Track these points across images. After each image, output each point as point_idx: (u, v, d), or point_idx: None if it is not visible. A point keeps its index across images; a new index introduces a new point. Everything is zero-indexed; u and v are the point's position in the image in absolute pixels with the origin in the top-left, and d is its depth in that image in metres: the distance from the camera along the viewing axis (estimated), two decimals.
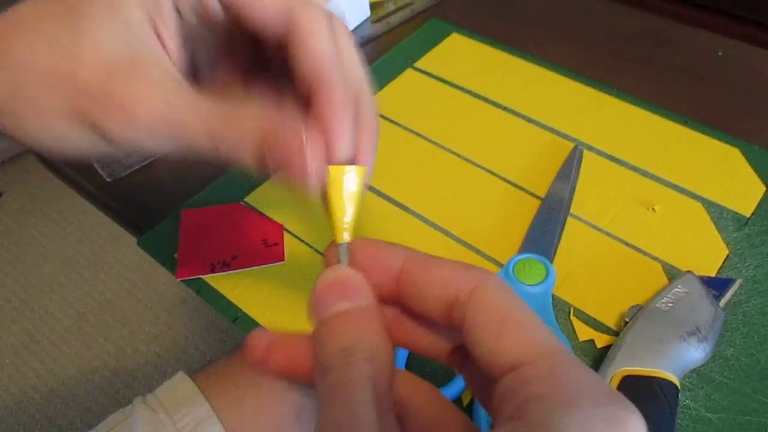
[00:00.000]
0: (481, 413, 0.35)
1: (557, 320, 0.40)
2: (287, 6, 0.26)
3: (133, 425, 0.46)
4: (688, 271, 0.39)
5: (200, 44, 0.29)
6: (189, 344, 1.16)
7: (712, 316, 0.36)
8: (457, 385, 0.36)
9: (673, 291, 0.38)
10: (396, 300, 0.23)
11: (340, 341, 0.20)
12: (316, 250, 0.45)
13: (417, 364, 0.39)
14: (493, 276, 0.20)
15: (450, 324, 0.21)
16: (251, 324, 0.41)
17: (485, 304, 0.20)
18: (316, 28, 0.26)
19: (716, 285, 0.39)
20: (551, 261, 0.42)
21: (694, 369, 0.37)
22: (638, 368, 0.34)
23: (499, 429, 0.17)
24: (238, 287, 0.43)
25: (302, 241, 0.46)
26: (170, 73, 0.25)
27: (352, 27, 0.64)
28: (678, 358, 0.34)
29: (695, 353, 0.35)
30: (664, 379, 0.33)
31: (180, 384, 0.47)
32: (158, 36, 0.26)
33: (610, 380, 0.34)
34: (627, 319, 0.38)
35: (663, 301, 0.37)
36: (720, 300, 0.38)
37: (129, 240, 0.47)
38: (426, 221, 0.46)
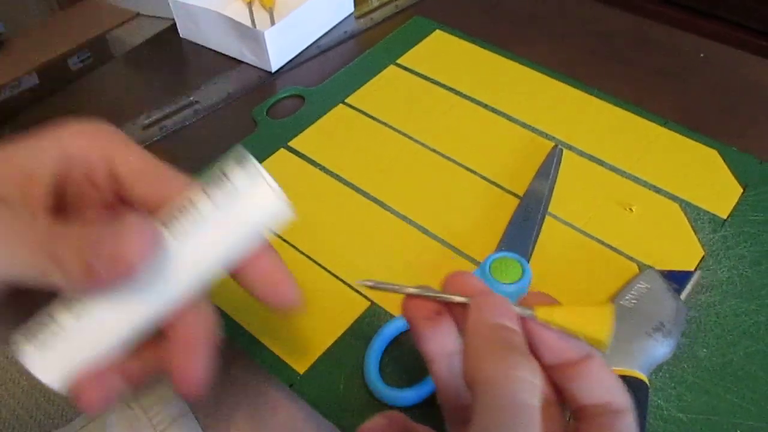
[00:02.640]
0: None
1: None
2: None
3: (107, 420, 0.46)
4: (650, 267, 0.40)
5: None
6: None
7: (675, 309, 0.36)
8: (427, 385, 0.36)
9: (636, 287, 0.38)
10: None
11: (511, 359, 0.23)
12: (295, 248, 0.45)
13: (392, 353, 0.38)
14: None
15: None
16: (229, 323, 0.41)
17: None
18: None
19: (677, 278, 0.39)
20: (528, 260, 0.42)
21: (667, 369, 0.37)
22: None
23: None
24: (215, 285, 0.43)
25: (281, 238, 0.45)
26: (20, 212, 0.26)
27: (335, 22, 0.64)
28: (645, 355, 0.34)
29: (661, 348, 0.35)
30: (634, 378, 0.33)
31: (156, 380, 0.47)
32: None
33: None
34: None
35: (627, 297, 0.37)
36: (681, 293, 0.38)
37: None
38: (404, 218, 0.46)
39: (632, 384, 0.33)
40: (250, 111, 0.55)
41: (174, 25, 0.64)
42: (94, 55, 1.50)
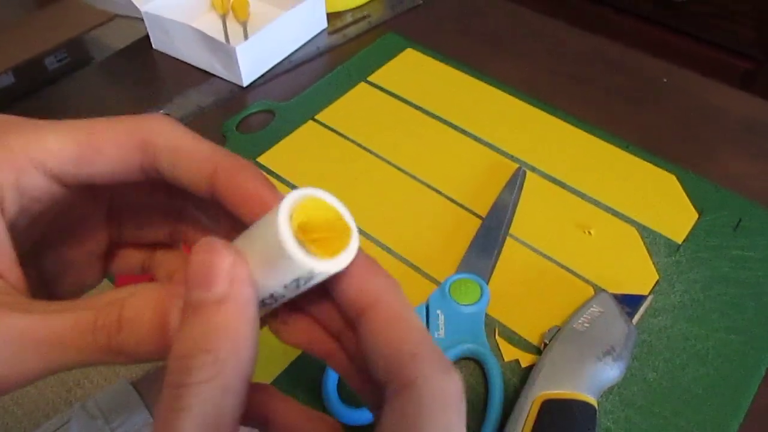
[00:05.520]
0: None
1: (488, 340, 0.40)
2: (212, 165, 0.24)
3: (69, 431, 0.46)
4: (602, 290, 0.41)
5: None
6: None
7: (626, 333, 0.37)
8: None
9: (589, 310, 0.39)
10: None
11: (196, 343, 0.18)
12: None
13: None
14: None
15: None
16: None
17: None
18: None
19: (630, 302, 0.40)
20: (487, 281, 0.43)
21: (617, 392, 0.38)
22: (558, 391, 0.35)
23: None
24: None
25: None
26: None
27: (308, 37, 0.64)
28: (595, 379, 0.35)
29: (611, 372, 0.36)
30: (582, 402, 0.34)
31: (120, 390, 0.47)
32: None
33: (531, 405, 0.34)
34: (546, 341, 0.39)
35: (579, 321, 0.38)
36: (633, 317, 0.39)
37: None
38: (368, 237, 0.47)
39: (581, 407, 0.34)
40: (220, 124, 0.56)
41: (148, 35, 0.64)
42: (72, 56, 1.49)
